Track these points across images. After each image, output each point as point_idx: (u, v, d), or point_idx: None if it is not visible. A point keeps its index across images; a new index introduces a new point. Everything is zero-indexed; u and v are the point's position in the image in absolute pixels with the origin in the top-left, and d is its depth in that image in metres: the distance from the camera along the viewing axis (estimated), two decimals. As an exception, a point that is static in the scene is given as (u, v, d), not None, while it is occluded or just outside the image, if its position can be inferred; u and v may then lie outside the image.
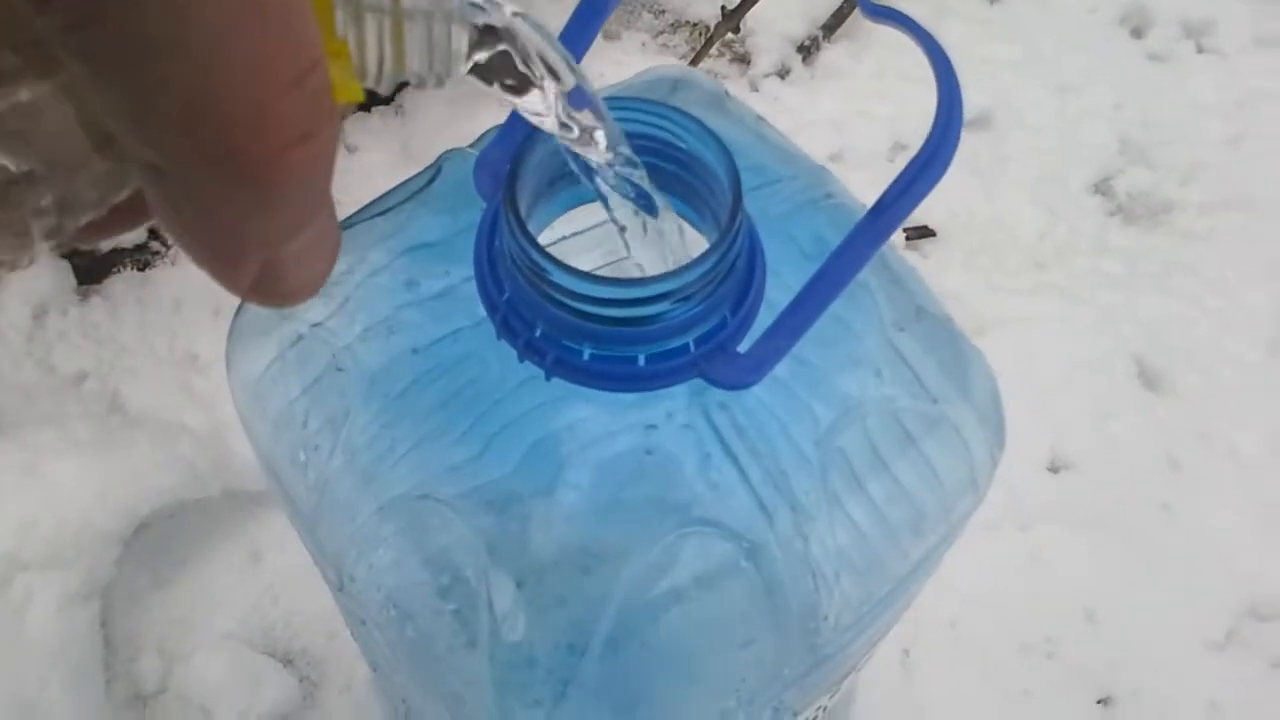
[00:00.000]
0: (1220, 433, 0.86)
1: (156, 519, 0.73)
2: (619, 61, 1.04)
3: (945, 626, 0.76)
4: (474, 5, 0.23)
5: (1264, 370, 0.89)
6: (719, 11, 1.06)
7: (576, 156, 0.28)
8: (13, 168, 0.19)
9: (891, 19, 0.30)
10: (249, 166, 0.18)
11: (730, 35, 1.06)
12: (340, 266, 0.37)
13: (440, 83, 0.23)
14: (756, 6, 1.04)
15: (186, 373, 0.82)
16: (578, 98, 0.26)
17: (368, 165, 0.92)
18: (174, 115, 0.17)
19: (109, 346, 0.83)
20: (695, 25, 1.09)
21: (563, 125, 0.27)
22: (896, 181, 0.30)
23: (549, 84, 0.25)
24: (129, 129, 0.18)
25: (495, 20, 0.23)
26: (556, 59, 0.25)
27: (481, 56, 0.24)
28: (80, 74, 0.17)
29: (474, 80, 0.24)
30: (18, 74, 0.19)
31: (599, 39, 1.08)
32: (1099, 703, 0.75)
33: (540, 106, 0.26)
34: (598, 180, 0.29)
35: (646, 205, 0.30)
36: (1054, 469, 0.84)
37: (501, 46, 0.24)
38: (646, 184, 0.30)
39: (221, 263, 0.20)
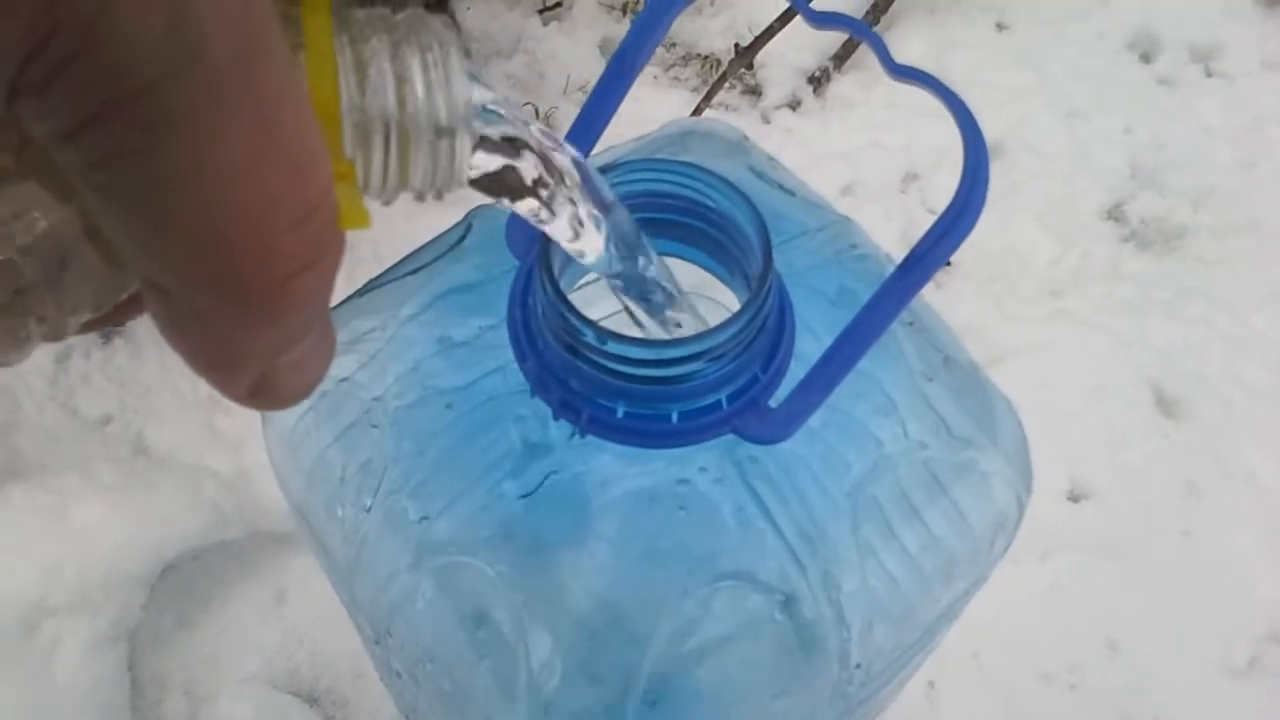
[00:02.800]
0: (1238, 458, 0.86)
1: (182, 561, 0.74)
2: (631, 95, 1.04)
3: (968, 657, 0.77)
4: (490, 112, 0.23)
5: (1278, 394, 0.89)
6: (731, 46, 1.06)
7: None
8: (21, 282, 0.20)
9: (916, 79, 0.31)
10: (256, 293, 0.18)
11: (742, 69, 1.07)
12: (373, 321, 0.38)
13: (440, 196, 0.23)
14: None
15: (210, 414, 0.82)
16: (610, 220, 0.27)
17: (381, 208, 0.93)
18: (185, 245, 0.18)
19: (132, 389, 0.84)
20: (706, 58, 1.10)
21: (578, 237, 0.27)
22: (925, 238, 0.30)
23: (563, 196, 0.26)
24: (139, 254, 0.18)
25: (506, 132, 0.24)
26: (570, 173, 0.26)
27: (489, 165, 0.24)
28: (95, 202, 0.17)
29: (481, 192, 0.25)
30: (32, 197, 0.19)
31: (610, 73, 1.08)
32: (1123, 732, 0.75)
33: (547, 219, 0.26)
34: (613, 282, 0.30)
35: (661, 304, 0.30)
36: (1073, 498, 0.84)
37: (508, 161, 0.24)
38: (662, 283, 0.30)
39: (221, 373, 0.20)
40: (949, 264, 0.95)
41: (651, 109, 1.03)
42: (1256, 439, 0.87)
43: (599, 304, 0.34)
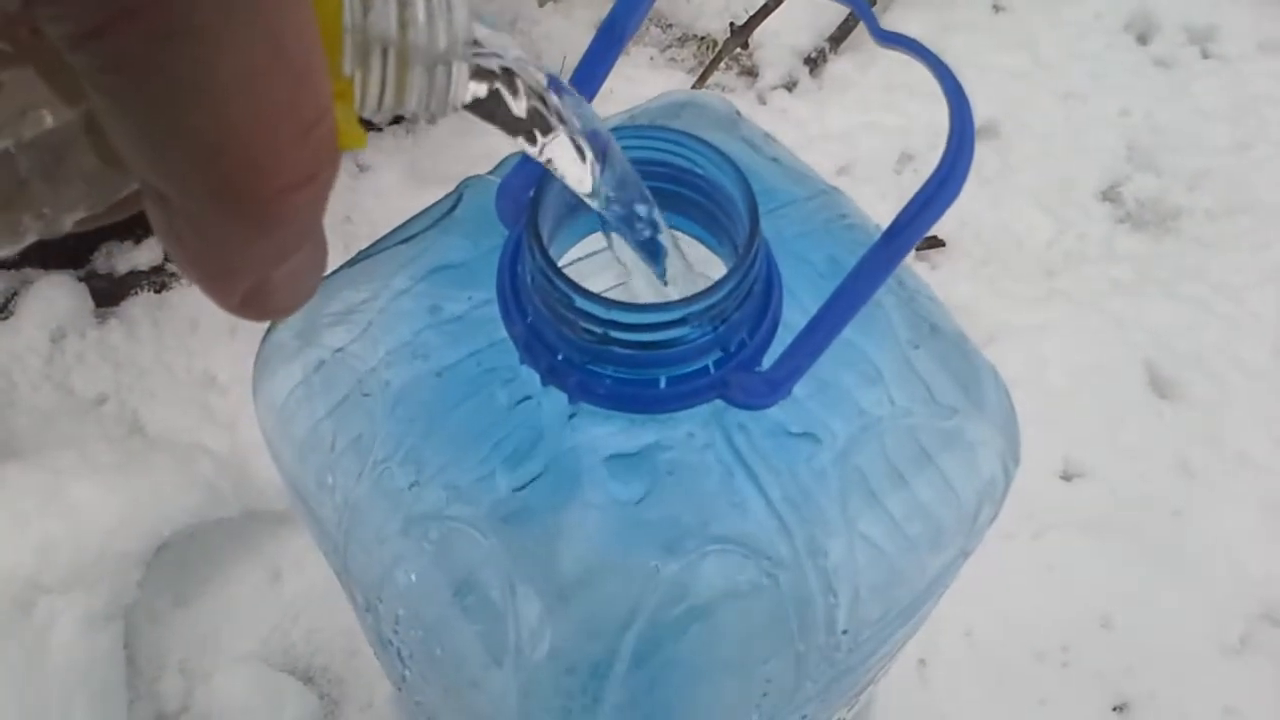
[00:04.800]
0: (1231, 437, 0.86)
1: (177, 539, 0.74)
2: (628, 76, 1.05)
3: (961, 635, 0.77)
4: (481, 53, 0.24)
5: (1273, 374, 0.90)
6: (727, 26, 1.06)
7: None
8: (21, 175, 0.20)
9: (902, 45, 0.31)
10: (254, 204, 0.19)
11: (738, 49, 1.07)
12: (364, 293, 0.38)
13: (434, 120, 0.24)
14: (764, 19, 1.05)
15: (205, 393, 0.83)
16: (593, 139, 0.27)
17: (379, 184, 0.93)
18: (189, 153, 0.18)
19: (127, 368, 0.84)
20: (703, 39, 1.10)
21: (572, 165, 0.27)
22: (910, 204, 0.30)
23: (553, 126, 0.26)
24: (142, 161, 0.19)
25: (501, 64, 0.25)
26: (564, 108, 0.26)
27: (481, 92, 0.25)
28: (103, 105, 0.18)
29: (474, 115, 0.25)
30: (38, 93, 0.20)
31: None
32: (1115, 709, 0.76)
33: (538, 149, 0.27)
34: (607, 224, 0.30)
35: (652, 252, 0.30)
36: (1067, 477, 0.84)
37: (499, 86, 0.25)
38: (653, 230, 0.30)
39: (215, 281, 0.21)
40: (944, 244, 0.95)
41: (648, 90, 1.02)
42: (1251, 419, 0.87)
43: (595, 279, 0.34)
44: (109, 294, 0.88)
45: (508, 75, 0.25)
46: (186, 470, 0.74)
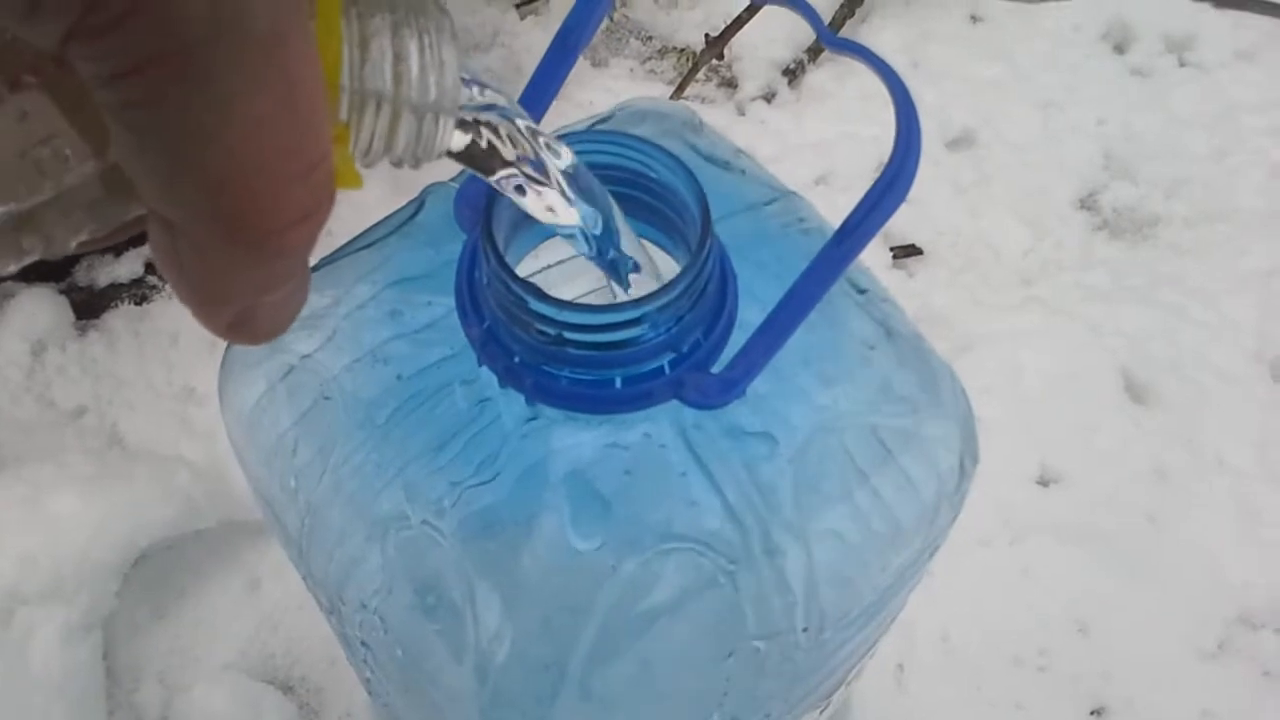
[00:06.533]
0: (1207, 443, 0.87)
1: (155, 551, 0.74)
2: (607, 88, 1.05)
3: (938, 641, 0.77)
4: (468, 107, 0.26)
5: (1248, 380, 0.90)
6: (705, 38, 1.07)
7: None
8: (29, 202, 0.22)
9: (851, 50, 0.31)
10: (255, 237, 0.21)
11: (716, 60, 1.07)
12: (326, 299, 0.38)
13: (417, 165, 0.26)
14: (742, 31, 1.05)
15: (184, 405, 0.83)
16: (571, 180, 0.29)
17: (359, 197, 0.92)
18: (200, 186, 0.20)
19: (107, 381, 0.84)
20: (682, 51, 1.11)
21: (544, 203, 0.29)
22: (859, 207, 0.31)
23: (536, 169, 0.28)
24: (155, 190, 0.20)
25: (487, 117, 0.27)
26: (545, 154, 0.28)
27: (466, 142, 0.27)
28: (124, 138, 0.19)
29: (459, 162, 0.27)
30: (55, 122, 0.21)
31: (587, 66, 1.09)
32: (1092, 714, 0.76)
33: (515, 191, 0.29)
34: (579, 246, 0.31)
35: (618, 273, 0.32)
36: (1043, 482, 0.84)
37: (484, 141, 0.27)
38: (625, 249, 0.31)
39: (209, 306, 0.23)
40: (921, 253, 0.96)
41: (627, 102, 1.04)
42: (1226, 425, 0.87)
43: (573, 283, 0.35)
44: (89, 307, 0.88)
45: (492, 127, 0.27)
46: (165, 482, 0.74)
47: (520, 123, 0.27)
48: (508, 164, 0.28)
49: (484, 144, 0.27)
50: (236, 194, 0.20)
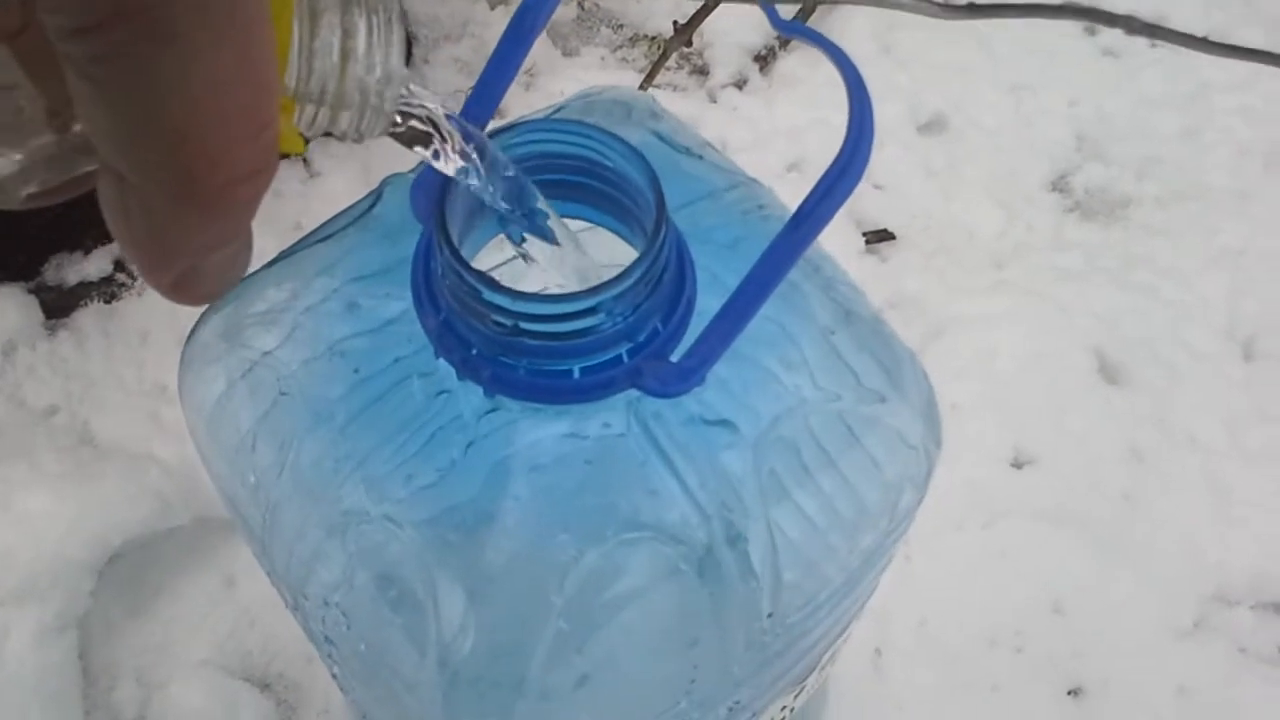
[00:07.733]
0: (1180, 422, 0.87)
1: (129, 549, 0.74)
2: (577, 78, 1.05)
3: (914, 625, 0.77)
4: (408, 106, 0.27)
5: (1220, 359, 0.90)
6: (674, 25, 1.07)
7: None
8: None
9: (800, 34, 0.31)
10: (203, 193, 0.21)
11: (687, 47, 1.07)
12: (285, 293, 0.38)
13: (360, 140, 0.27)
14: (713, 18, 1.05)
15: (155, 403, 0.82)
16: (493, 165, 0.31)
17: (329, 190, 0.93)
18: (156, 141, 0.20)
19: (78, 380, 0.84)
20: (654, 39, 1.10)
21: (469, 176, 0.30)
22: (813, 192, 0.31)
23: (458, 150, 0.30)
24: (111, 143, 0.21)
25: (425, 114, 0.28)
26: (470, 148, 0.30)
27: (400, 129, 0.28)
28: (84, 92, 0.20)
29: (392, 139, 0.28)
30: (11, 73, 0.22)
31: (558, 55, 1.09)
32: (1069, 694, 0.76)
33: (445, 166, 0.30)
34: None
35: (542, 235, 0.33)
36: (1017, 464, 0.85)
37: (418, 125, 0.28)
38: (542, 220, 0.32)
39: (154, 260, 0.23)
40: (894, 237, 0.96)
41: (599, 91, 1.03)
42: (1198, 403, 0.88)
43: (530, 279, 0.35)
44: (59, 306, 0.88)
45: (424, 108, 0.28)
46: (137, 479, 0.73)
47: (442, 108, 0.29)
48: (432, 143, 0.29)
49: (424, 123, 0.28)
50: (189, 149, 0.20)
